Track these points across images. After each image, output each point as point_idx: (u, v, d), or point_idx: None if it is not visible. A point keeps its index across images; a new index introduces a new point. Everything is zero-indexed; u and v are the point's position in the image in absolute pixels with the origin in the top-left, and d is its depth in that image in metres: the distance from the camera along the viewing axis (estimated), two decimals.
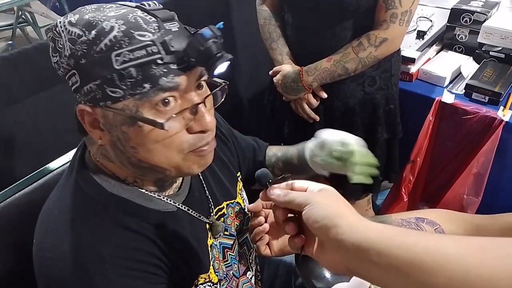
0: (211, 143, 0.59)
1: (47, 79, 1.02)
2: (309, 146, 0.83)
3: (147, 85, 0.51)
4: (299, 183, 0.54)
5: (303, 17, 1.10)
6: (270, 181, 0.56)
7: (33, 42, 1.57)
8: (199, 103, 0.55)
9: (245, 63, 1.65)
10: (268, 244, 0.75)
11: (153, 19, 0.52)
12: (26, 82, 1.00)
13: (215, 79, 0.58)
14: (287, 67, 1.15)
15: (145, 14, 0.53)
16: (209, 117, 0.56)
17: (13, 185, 0.78)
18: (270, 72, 1.20)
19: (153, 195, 0.64)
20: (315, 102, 1.17)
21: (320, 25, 1.07)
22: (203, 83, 0.58)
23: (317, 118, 1.19)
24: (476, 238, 0.39)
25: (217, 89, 0.59)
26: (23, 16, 3.14)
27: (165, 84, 0.51)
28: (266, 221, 0.75)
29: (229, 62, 0.53)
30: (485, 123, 1.24)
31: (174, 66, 0.51)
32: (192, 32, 0.53)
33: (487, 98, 1.27)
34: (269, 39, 1.19)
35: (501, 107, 1.25)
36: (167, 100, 0.53)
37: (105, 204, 0.59)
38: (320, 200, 0.48)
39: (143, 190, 0.63)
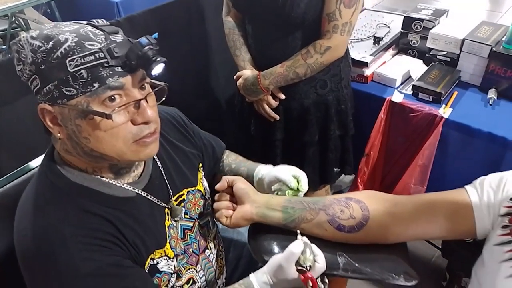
0: (153, 135, 0.69)
1: None
2: (261, 174, 0.98)
3: (96, 84, 0.61)
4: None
5: (260, 29, 1.24)
6: None
7: None
8: (141, 99, 0.66)
9: (221, 67, 1.75)
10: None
11: (101, 32, 0.64)
12: (16, 86, 1.10)
13: (157, 82, 0.71)
14: (247, 72, 1.28)
15: (94, 28, 0.64)
16: (150, 111, 0.67)
17: (3, 178, 0.89)
18: (234, 77, 1.33)
19: (113, 183, 0.73)
20: (274, 103, 1.30)
21: (274, 35, 1.20)
22: (146, 85, 0.69)
23: (277, 117, 1.32)
24: None
25: (156, 89, 0.71)
26: (16, 22, 3.25)
27: (111, 84, 0.62)
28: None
29: (163, 64, 0.66)
30: (429, 120, 1.38)
31: (118, 69, 0.63)
32: (133, 42, 0.64)
33: (431, 97, 1.41)
34: (233, 47, 1.32)
35: (443, 105, 1.39)
36: (113, 97, 0.63)
37: (68, 191, 0.69)
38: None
39: (103, 178, 0.72)
